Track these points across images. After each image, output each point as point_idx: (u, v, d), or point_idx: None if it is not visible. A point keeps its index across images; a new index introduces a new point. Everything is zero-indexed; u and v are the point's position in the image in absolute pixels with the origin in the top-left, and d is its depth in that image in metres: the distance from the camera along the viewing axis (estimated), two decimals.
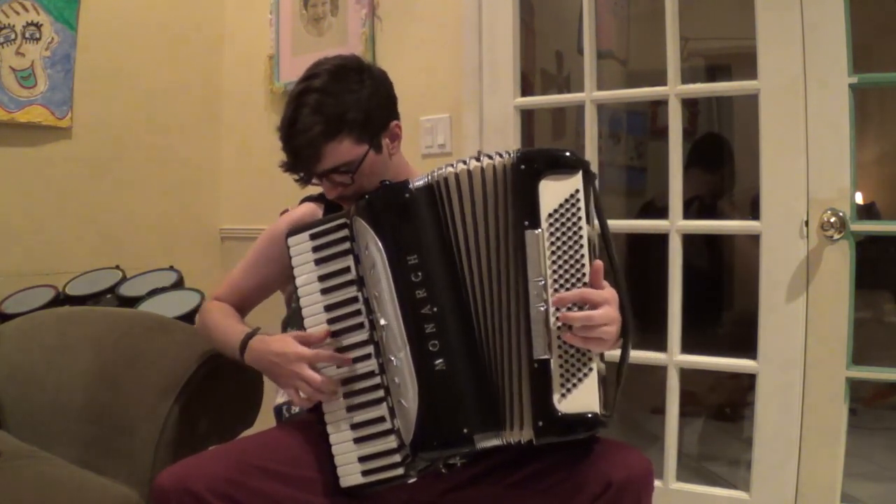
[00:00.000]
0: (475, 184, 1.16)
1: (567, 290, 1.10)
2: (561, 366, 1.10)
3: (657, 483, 1.90)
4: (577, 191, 1.11)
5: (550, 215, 1.11)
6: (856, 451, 1.80)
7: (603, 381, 1.13)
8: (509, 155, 1.16)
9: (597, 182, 1.16)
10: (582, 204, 1.11)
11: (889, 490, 2.25)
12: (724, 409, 2.92)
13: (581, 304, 1.09)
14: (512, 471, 1.18)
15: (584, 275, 1.11)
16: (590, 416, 1.08)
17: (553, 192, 1.12)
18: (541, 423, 1.10)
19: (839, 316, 1.67)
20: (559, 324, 1.09)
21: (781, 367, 1.74)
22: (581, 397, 1.09)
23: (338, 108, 1.24)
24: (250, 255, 1.47)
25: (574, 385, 1.10)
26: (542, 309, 1.10)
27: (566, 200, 1.11)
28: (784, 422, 1.73)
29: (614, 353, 1.19)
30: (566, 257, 1.11)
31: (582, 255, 1.11)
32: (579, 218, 1.11)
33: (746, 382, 2.58)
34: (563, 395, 1.09)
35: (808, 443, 1.71)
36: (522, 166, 1.13)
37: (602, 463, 1.12)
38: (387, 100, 1.32)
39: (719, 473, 2.35)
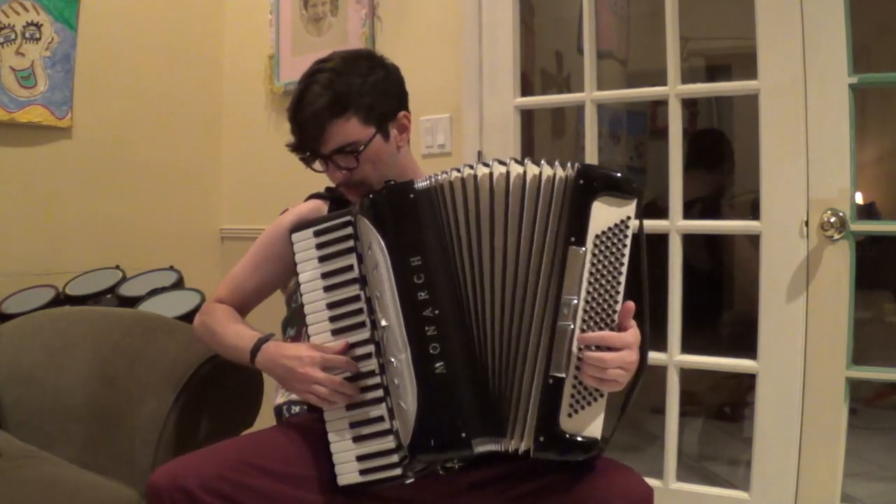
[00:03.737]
0: (515, 189, 1.15)
1: (598, 314, 1.10)
2: (574, 387, 1.10)
3: (657, 483, 1.90)
4: (629, 217, 1.10)
5: (598, 237, 1.10)
6: (856, 451, 1.80)
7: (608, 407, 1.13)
8: (567, 167, 1.14)
9: (643, 211, 1.14)
10: (630, 232, 1.10)
11: (889, 490, 2.24)
12: (724, 409, 2.92)
13: (600, 346, 1.09)
14: (513, 484, 1.18)
15: (616, 302, 1.10)
16: (590, 441, 1.09)
17: (605, 214, 1.10)
18: (542, 438, 1.10)
19: (839, 316, 1.67)
20: (581, 345, 1.09)
21: (781, 367, 1.74)
22: (586, 422, 1.10)
23: (346, 88, 1.24)
24: (252, 253, 1.45)
25: (582, 408, 1.10)
26: (569, 328, 1.09)
27: (616, 225, 1.10)
28: (784, 422, 1.73)
29: None
30: (603, 282, 1.10)
31: (619, 283, 1.10)
32: (625, 245, 1.10)
33: (746, 382, 2.58)
34: (569, 416, 1.10)
35: (808, 443, 1.71)
36: (581, 181, 1.11)
37: (604, 487, 1.12)
38: (397, 89, 1.33)
39: (719, 473, 2.35)
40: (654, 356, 1.91)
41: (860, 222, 1.69)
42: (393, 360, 1.16)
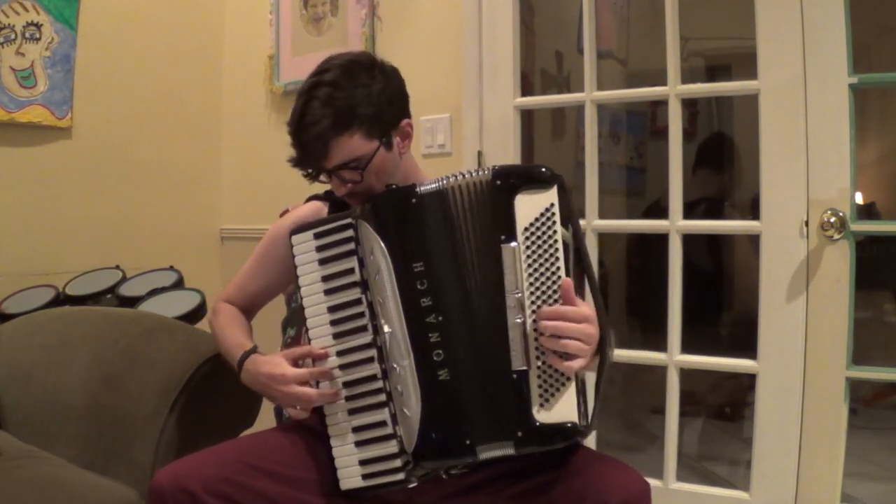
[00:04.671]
0: (463, 198, 1.17)
1: (545, 301, 1.11)
2: (539, 377, 1.11)
3: (657, 483, 1.90)
4: (553, 205, 1.12)
5: (527, 229, 1.12)
6: (856, 451, 1.80)
7: (583, 390, 1.13)
8: (485, 171, 1.16)
9: (570, 195, 1.16)
10: (557, 218, 1.12)
11: (889, 490, 2.25)
12: (724, 409, 2.92)
13: (557, 320, 1.09)
14: (512, 483, 1.18)
15: (560, 287, 1.11)
16: (568, 426, 1.09)
17: (528, 206, 1.12)
18: (520, 434, 1.10)
19: (839, 316, 1.67)
20: (537, 335, 1.10)
21: (781, 367, 1.74)
22: (559, 408, 1.10)
23: (348, 102, 1.22)
24: (255, 255, 1.46)
25: (553, 395, 1.10)
26: (518, 321, 1.11)
27: (541, 214, 1.12)
28: (784, 422, 1.73)
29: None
30: (542, 269, 1.12)
31: (558, 268, 1.11)
32: (555, 231, 1.12)
33: (746, 382, 2.58)
34: (541, 406, 1.10)
35: (808, 443, 1.71)
36: (498, 182, 1.14)
37: (601, 483, 1.12)
38: (399, 97, 1.31)
39: (719, 473, 2.35)
40: (654, 356, 1.91)
41: (860, 222, 1.69)
42: (396, 366, 1.15)
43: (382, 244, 1.17)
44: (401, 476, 1.16)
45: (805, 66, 1.69)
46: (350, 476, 1.18)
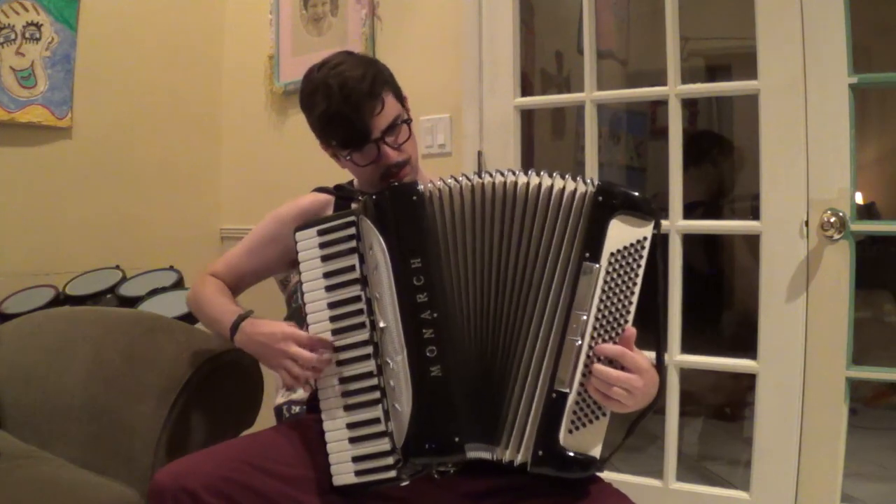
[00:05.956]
0: (543, 202, 1.15)
1: (607, 332, 1.10)
2: (577, 403, 1.10)
3: (657, 483, 1.90)
4: (645, 238, 1.10)
5: (613, 255, 1.10)
6: (856, 451, 1.80)
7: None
8: (587, 183, 1.14)
9: (660, 237, 1.14)
10: (646, 253, 1.10)
11: (889, 490, 2.24)
12: (724, 409, 2.92)
13: (613, 361, 1.09)
14: (508, 500, 1.17)
15: (627, 322, 1.10)
16: (588, 458, 1.09)
17: (622, 233, 1.10)
18: (540, 453, 1.10)
19: (839, 316, 1.67)
20: (588, 363, 1.09)
21: (781, 367, 1.74)
22: (587, 439, 1.09)
23: (374, 67, 1.28)
24: (253, 235, 1.47)
25: (584, 426, 1.10)
26: (577, 343, 1.09)
27: (632, 245, 1.10)
28: (784, 422, 1.73)
29: None
30: (615, 300, 1.10)
31: (631, 304, 1.10)
32: (639, 266, 1.10)
33: (746, 382, 2.58)
34: (570, 433, 1.09)
35: (808, 443, 1.71)
36: (600, 198, 1.12)
37: None
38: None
39: (719, 473, 2.35)
40: (654, 356, 1.91)
41: (860, 222, 1.69)
42: (390, 361, 1.15)
43: (381, 239, 1.17)
44: (392, 474, 1.16)
45: (805, 66, 1.68)
46: (343, 472, 1.18)
